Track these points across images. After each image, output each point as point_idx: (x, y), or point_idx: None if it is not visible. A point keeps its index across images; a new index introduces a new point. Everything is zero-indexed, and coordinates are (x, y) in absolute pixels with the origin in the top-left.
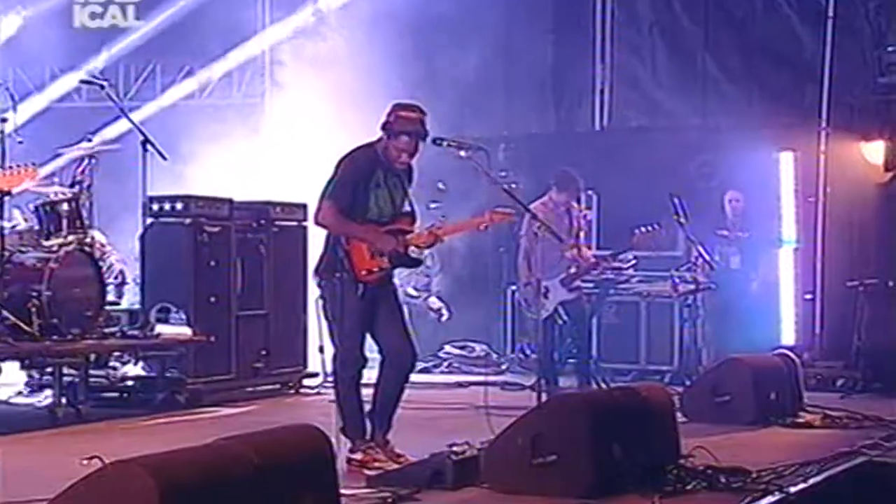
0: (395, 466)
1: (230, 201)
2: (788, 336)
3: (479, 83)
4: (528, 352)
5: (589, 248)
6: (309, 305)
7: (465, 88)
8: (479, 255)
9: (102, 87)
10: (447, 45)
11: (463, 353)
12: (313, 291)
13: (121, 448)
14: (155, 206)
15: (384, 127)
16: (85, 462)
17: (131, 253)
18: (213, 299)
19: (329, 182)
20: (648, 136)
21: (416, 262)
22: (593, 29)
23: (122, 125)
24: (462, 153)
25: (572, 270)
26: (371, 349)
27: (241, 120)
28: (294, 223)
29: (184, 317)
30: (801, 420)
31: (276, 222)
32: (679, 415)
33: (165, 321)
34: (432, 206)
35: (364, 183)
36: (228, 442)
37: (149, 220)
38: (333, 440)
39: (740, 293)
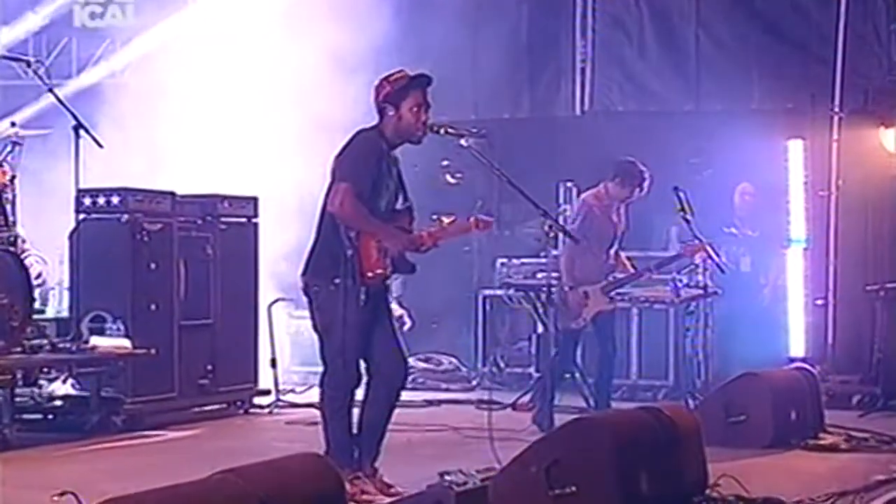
0: (388, 500)
1: (172, 195)
2: (797, 347)
3: (442, 60)
4: (501, 365)
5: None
6: (260, 313)
7: (425, 66)
8: (445, 255)
9: (29, 64)
10: (405, 15)
11: (429, 366)
12: (265, 297)
13: (63, 479)
14: (87, 201)
15: (386, 99)
16: (56, 498)
17: (56, 253)
18: (153, 307)
19: (340, 161)
20: (635, 121)
21: (413, 269)
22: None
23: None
24: (463, 142)
25: (615, 277)
26: None
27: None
28: (244, 219)
29: (121, 327)
30: (823, 442)
31: (224, 218)
32: None
33: (100, 332)
34: None
35: (380, 168)
36: (227, 476)
37: (80, 216)
38: None
39: (750, 300)
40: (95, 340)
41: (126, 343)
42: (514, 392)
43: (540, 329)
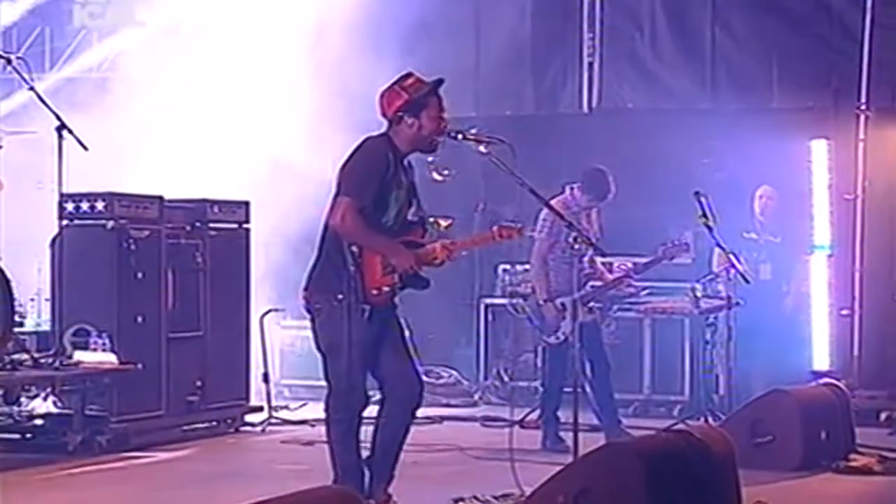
0: None
1: (160, 199)
2: (821, 360)
3: (442, 54)
4: (505, 378)
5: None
6: (252, 325)
7: (422, 58)
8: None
9: (9, 60)
10: (402, 7)
11: (428, 380)
12: (257, 308)
13: None
14: (70, 206)
15: (403, 109)
16: None
17: (35, 261)
18: (139, 319)
19: (345, 172)
20: (645, 119)
21: (426, 284)
22: None
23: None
24: (482, 148)
25: (593, 286)
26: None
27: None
28: (234, 225)
29: (106, 341)
30: (855, 464)
31: (214, 224)
32: None
33: (84, 346)
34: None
35: (386, 179)
36: None
37: (63, 223)
38: None
39: (771, 309)
40: (79, 355)
41: (111, 358)
42: (518, 407)
43: None
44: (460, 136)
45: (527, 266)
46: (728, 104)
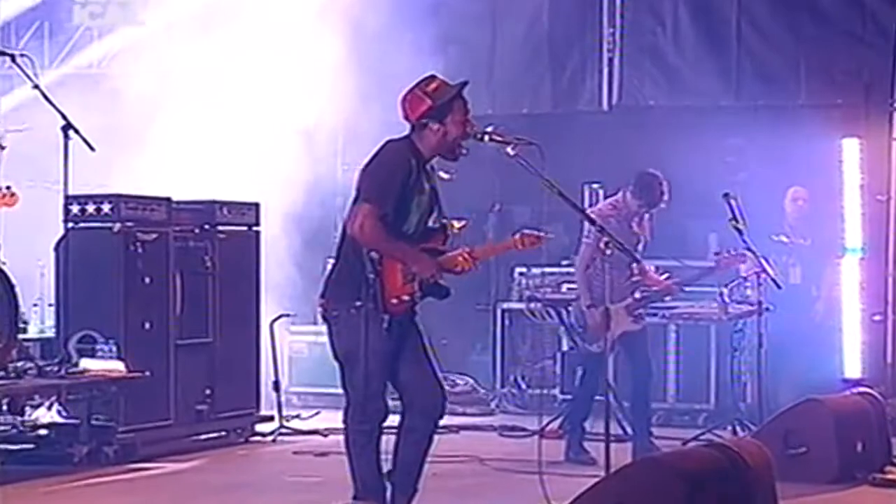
0: None
1: (168, 201)
2: (853, 367)
3: (457, 50)
4: (523, 386)
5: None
6: (262, 330)
7: (437, 56)
8: None
9: (13, 57)
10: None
11: None
12: (268, 313)
13: None
14: (75, 209)
15: (427, 115)
16: None
17: (38, 265)
18: (147, 325)
19: (365, 177)
20: (667, 117)
21: (447, 293)
22: None
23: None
24: (510, 150)
25: (641, 295)
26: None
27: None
28: (244, 227)
29: (112, 348)
30: (892, 476)
31: (223, 227)
32: None
33: (91, 354)
34: None
35: (408, 185)
36: None
37: (68, 225)
38: None
39: (800, 315)
40: (85, 363)
41: (119, 366)
42: (536, 416)
43: (565, 346)
44: (486, 138)
45: (545, 269)
46: (754, 101)
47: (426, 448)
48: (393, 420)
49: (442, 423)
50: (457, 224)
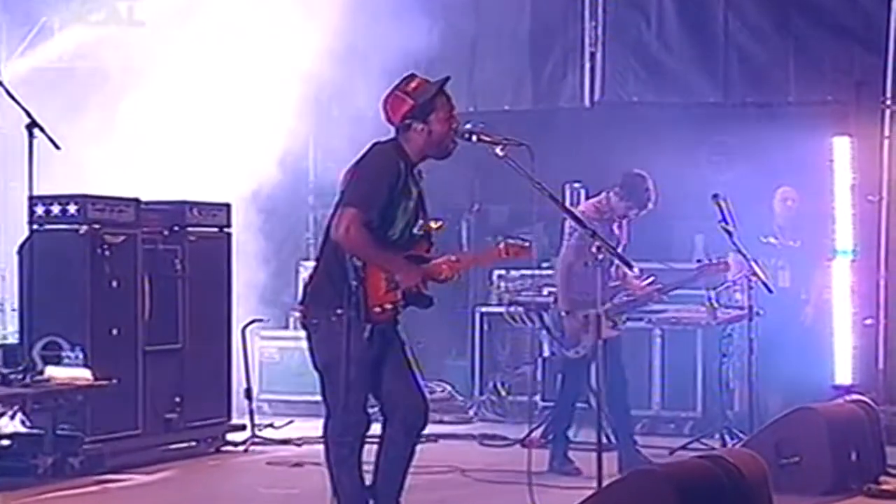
0: None
1: (136, 202)
2: (844, 373)
3: (437, 45)
4: (502, 393)
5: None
6: (234, 336)
7: (417, 53)
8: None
9: None
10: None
11: None
12: (240, 317)
13: None
14: (40, 210)
15: (410, 115)
16: None
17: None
18: (114, 331)
19: (350, 180)
20: (652, 114)
21: (430, 302)
22: None
23: None
24: (499, 150)
25: (623, 300)
26: None
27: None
28: (215, 228)
29: (79, 355)
30: (887, 487)
31: (193, 228)
32: None
33: (56, 361)
34: None
35: (396, 189)
36: None
37: (32, 227)
38: None
39: (789, 319)
40: (50, 371)
41: (85, 373)
42: (516, 424)
43: (546, 352)
44: (474, 138)
45: (524, 272)
46: (741, 98)
47: (408, 462)
48: (375, 428)
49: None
50: (434, 224)
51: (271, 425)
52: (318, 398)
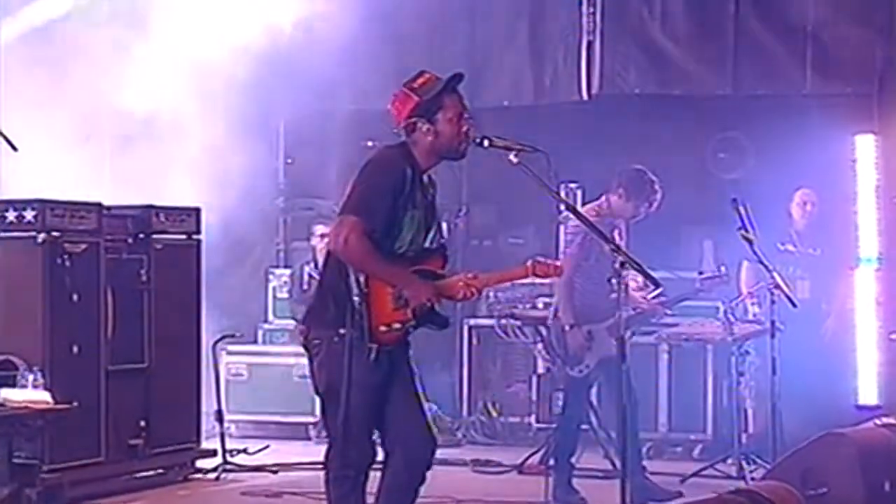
0: None
1: (99, 206)
2: (868, 391)
3: (433, 40)
4: (493, 413)
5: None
6: (204, 354)
7: (413, 46)
8: None
9: None
10: None
11: None
12: (210, 332)
13: None
14: None
15: (415, 113)
16: None
17: None
18: (75, 349)
19: (355, 186)
20: (654, 108)
21: (445, 323)
22: None
23: None
24: (513, 157)
25: (628, 314)
26: None
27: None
28: (183, 235)
29: (38, 376)
30: None
31: (159, 235)
32: None
33: (12, 383)
34: None
35: (401, 198)
36: None
37: None
38: None
39: (809, 332)
40: (5, 393)
41: (44, 396)
42: (509, 447)
43: (541, 369)
44: (487, 143)
45: (517, 282)
46: (753, 91)
47: (412, 500)
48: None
49: None
50: None
51: (245, 451)
52: (291, 419)
